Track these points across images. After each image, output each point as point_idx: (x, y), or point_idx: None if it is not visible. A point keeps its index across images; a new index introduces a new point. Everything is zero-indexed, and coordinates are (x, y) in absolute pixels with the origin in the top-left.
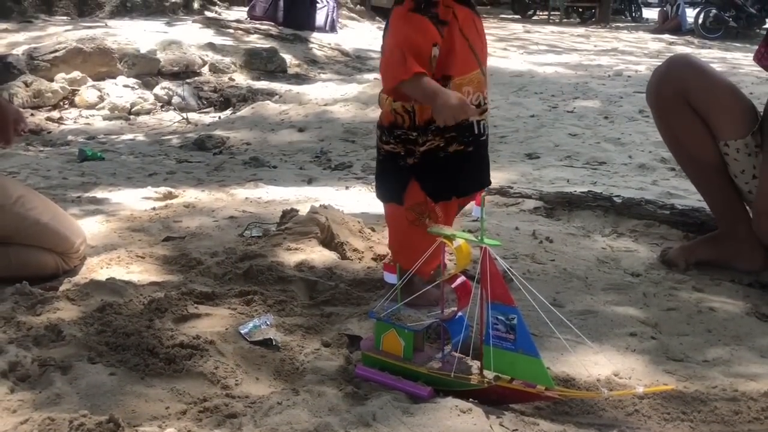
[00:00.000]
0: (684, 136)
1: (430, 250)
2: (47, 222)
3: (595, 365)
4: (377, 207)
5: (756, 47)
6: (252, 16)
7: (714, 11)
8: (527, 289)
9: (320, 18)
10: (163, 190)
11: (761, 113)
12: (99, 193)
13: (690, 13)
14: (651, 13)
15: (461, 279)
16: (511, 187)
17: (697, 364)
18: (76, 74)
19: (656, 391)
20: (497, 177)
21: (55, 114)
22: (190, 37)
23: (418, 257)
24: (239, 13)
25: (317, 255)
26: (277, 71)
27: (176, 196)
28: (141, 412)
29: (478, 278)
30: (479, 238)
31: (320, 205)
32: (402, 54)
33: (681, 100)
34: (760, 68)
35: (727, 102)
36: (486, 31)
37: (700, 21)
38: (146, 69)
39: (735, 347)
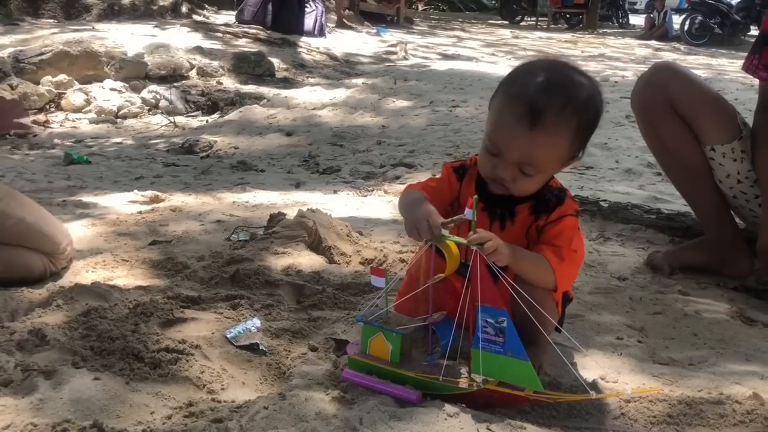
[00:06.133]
0: (670, 142)
1: (419, 252)
2: (32, 222)
3: (582, 369)
4: (365, 211)
5: (740, 53)
6: (240, 20)
7: (700, 18)
8: (517, 292)
9: (309, 22)
10: (149, 193)
11: (745, 119)
12: (85, 197)
13: (676, 20)
14: (638, 20)
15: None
16: None
17: (682, 368)
18: (62, 77)
19: (643, 393)
20: None
21: (41, 117)
22: (178, 40)
23: None
24: (228, 17)
25: (304, 259)
26: (265, 75)
27: (163, 200)
28: (126, 417)
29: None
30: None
31: (308, 209)
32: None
33: (666, 106)
34: (744, 75)
35: (713, 107)
36: (474, 36)
37: (686, 27)
38: (134, 72)
39: (720, 350)
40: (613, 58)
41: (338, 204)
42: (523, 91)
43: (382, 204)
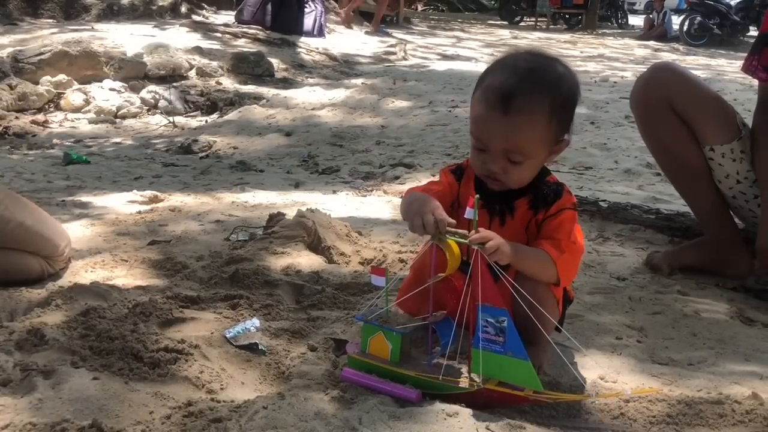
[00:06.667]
0: (669, 142)
1: (421, 251)
2: (31, 225)
3: (582, 369)
4: (364, 211)
5: (740, 54)
6: (240, 20)
7: (699, 18)
8: (517, 292)
9: (308, 22)
10: (148, 193)
11: (744, 119)
12: (84, 197)
13: (675, 21)
14: (637, 20)
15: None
16: None
17: (682, 368)
18: (61, 77)
19: (643, 393)
20: None
21: (41, 117)
22: (177, 40)
23: None
24: (227, 17)
25: (304, 259)
26: (265, 75)
27: (162, 200)
28: (125, 417)
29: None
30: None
31: (307, 209)
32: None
33: (665, 107)
34: (743, 75)
35: (712, 107)
36: (473, 36)
37: (685, 28)
38: (133, 72)
39: (720, 350)
40: (613, 58)
41: (337, 204)
42: (495, 81)
43: (381, 204)
